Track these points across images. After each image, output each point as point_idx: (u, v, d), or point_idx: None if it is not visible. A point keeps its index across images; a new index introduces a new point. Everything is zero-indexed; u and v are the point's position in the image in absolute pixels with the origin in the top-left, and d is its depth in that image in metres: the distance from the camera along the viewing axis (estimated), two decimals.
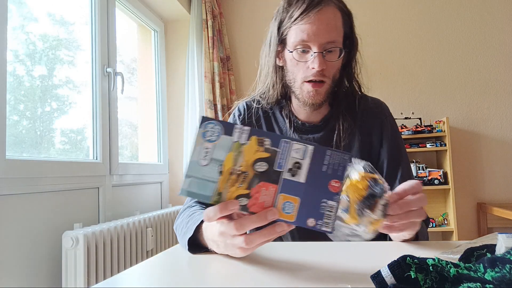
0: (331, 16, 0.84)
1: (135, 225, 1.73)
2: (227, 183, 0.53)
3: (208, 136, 0.53)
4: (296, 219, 0.53)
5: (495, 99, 2.63)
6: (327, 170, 0.53)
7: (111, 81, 1.89)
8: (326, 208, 0.53)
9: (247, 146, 0.53)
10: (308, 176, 0.53)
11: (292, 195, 0.53)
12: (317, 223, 0.53)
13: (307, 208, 0.53)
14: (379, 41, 2.78)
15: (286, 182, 0.53)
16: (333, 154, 0.54)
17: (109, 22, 1.93)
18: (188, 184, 0.54)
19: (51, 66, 1.71)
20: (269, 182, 0.53)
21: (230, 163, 0.53)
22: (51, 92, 1.72)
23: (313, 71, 0.84)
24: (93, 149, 1.79)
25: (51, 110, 1.72)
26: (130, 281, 0.57)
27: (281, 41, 0.90)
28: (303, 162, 0.53)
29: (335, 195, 0.53)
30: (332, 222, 0.53)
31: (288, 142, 0.53)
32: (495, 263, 0.41)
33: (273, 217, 0.52)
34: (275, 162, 0.53)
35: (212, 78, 2.54)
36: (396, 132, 0.98)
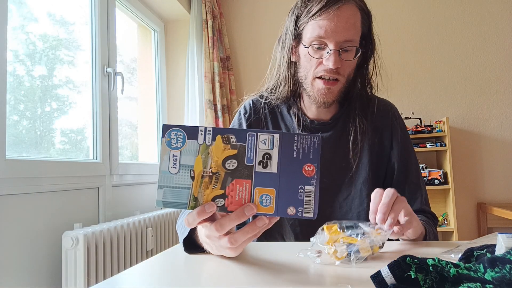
0: (350, 14, 0.82)
1: (135, 225, 1.73)
2: (200, 186, 0.53)
3: (174, 144, 0.53)
4: (275, 211, 0.52)
5: (495, 99, 2.63)
6: (298, 155, 0.53)
7: (111, 81, 1.89)
8: (304, 194, 0.52)
9: (214, 146, 0.53)
10: (280, 165, 0.53)
11: (267, 187, 0.53)
12: (297, 211, 0.52)
13: (285, 197, 0.52)
14: (379, 41, 2.77)
15: (259, 175, 0.53)
16: (301, 138, 0.53)
17: (109, 22, 1.93)
18: (162, 195, 0.53)
19: (51, 66, 1.71)
20: (242, 178, 0.53)
21: (200, 166, 0.53)
22: (51, 92, 1.72)
23: (326, 67, 0.82)
24: (93, 149, 1.79)
25: (51, 110, 1.72)
26: (130, 281, 0.57)
27: (296, 36, 0.88)
28: (272, 152, 0.53)
29: (311, 179, 0.53)
30: (313, 207, 0.52)
31: (253, 135, 0.53)
32: (495, 263, 0.41)
33: (251, 212, 0.52)
34: (244, 157, 0.53)
35: (212, 78, 2.54)
36: (406, 134, 0.97)
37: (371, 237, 0.60)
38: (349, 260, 0.57)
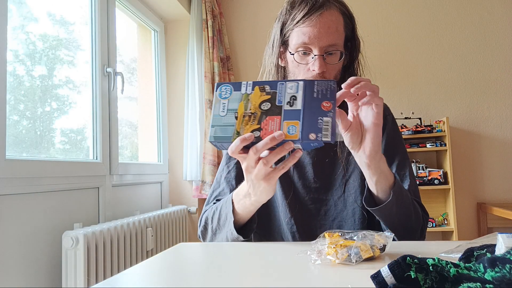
0: (332, 19, 0.85)
1: (135, 225, 1.73)
2: (242, 124, 0.67)
3: (224, 95, 0.70)
4: (300, 137, 0.64)
5: (495, 99, 2.63)
6: (318, 95, 0.66)
7: (111, 81, 1.89)
8: (322, 123, 0.64)
9: (253, 94, 0.68)
10: (304, 104, 0.66)
11: (293, 120, 0.65)
12: (317, 136, 0.63)
13: (307, 126, 0.64)
14: (379, 41, 2.78)
15: (287, 112, 0.66)
16: (320, 83, 0.67)
17: (109, 22, 1.93)
18: (214, 132, 0.68)
19: (51, 66, 1.71)
20: (274, 115, 0.66)
21: (242, 109, 0.68)
22: (51, 92, 1.72)
23: (314, 73, 0.86)
24: (93, 149, 1.79)
25: (51, 110, 1.72)
26: (130, 281, 0.57)
27: (283, 42, 0.91)
28: (297, 94, 0.67)
29: (328, 112, 0.65)
30: (330, 133, 0.63)
31: (283, 83, 0.68)
32: (495, 263, 0.41)
33: (280, 136, 0.63)
34: (276, 100, 0.67)
35: (212, 78, 2.54)
36: (396, 129, 0.98)
37: (371, 238, 0.60)
38: (349, 260, 0.57)
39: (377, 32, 2.79)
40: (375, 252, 0.59)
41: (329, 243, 0.59)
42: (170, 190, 2.54)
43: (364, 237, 0.60)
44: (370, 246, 0.59)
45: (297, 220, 0.93)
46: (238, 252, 0.71)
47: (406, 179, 0.92)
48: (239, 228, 0.83)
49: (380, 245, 0.60)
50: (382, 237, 0.61)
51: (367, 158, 0.73)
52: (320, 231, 0.93)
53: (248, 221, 0.84)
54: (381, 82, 2.78)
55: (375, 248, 0.59)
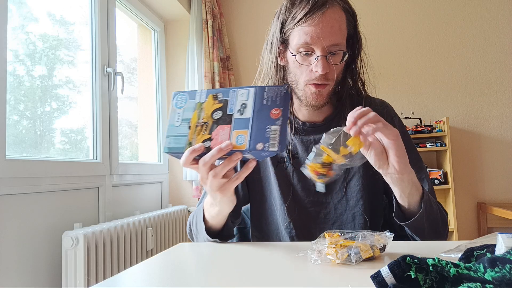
0: (335, 18, 0.82)
1: (135, 225, 1.73)
2: (194, 134, 0.67)
3: (179, 104, 0.70)
4: (248, 146, 0.63)
5: (495, 99, 2.63)
6: (267, 102, 0.65)
7: (111, 81, 1.89)
8: (270, 132, 0.63)
9: (206, 102, 0.68)
10: (253, 112, 0.65)
11: (242, 129, 0.64)
12: (264, 146, 0.62)
13: (255, 136, 0.63)
14: (379, 41, 2.78)
15: (237, 121, 0.65)
16: (270, 89, 0.66)
17: (109, 22, 1.93)
18: (168, 142, 0.68)
19: (51, 66, 1.71)
20: (224, 124, 0.66)
21: (196, 118, 0.68)
22: (51, 92, 1.72)
23: (317, 74, 0.83)
24: (93, 149, 1.79)
25: (51, 110, 1.72)
26: (130, 281, 0.57)
27: (283, 41, 0.88)
28: (247, 102, 0.66)
29: (277, 120, 0.63)
30: (277, 143, 0.62)
31: (235, 91, 0.67)
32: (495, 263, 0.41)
33: (227, 147, 0.63)
34: (227, 108, 0.66)
35: (212, 78, 2.54)
36: (404, 132, 0.95)
37: (371, 238, 0.60)
38: (349, 260, 0.57)
39: (377, 32, 2.79)
40: (375, 252, 0.59)
41: (329, 243, 0.59)
42: (170, 190, 2.54)
43: (364, 237, 0.60)
44: (370, 246, 0.59)
45: (296, 224, 0.91)
46: (238, 252, 0.71)
47: (425, 182, 0.89)
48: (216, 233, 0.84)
49: (380, 245, 0.60)
50: (382, 237, 0.61)
51: (398, 173, 0.70)
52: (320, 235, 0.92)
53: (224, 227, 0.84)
54: (381, 82, 2.78)
55: (375, 248, 0.59)
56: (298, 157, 0.94)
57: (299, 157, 0.93)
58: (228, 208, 0.78)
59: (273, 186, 0.94)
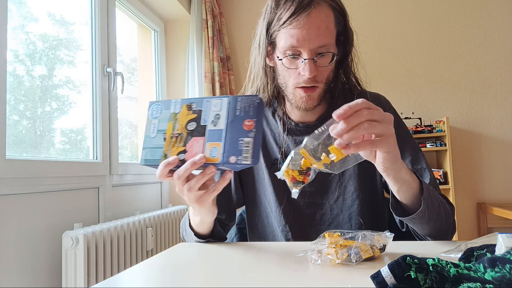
0: (322, 18, 0.78)
1: (135, 225, 1.73)
2: (170, 145, 0.66)
3: (154, 115, 0.69)
4: (221, 159, 0.62)
5: (495, 99, 2.63)
6: (240, 113, 0.63)
7: (111, 81, 1.89)
8: (243, 145, 0.61)
9: (180, 113, 0.67)
10: (227, 123, 0.63)
11: (215, 141, 0.63)
12: (237, 159, 0.61)
13: (228, 148, 0.62)
14: (379, 41, 2.78)
15: (210, 132, 0.64)
16: (243, 99, 0.64)
17: (109, 22, 1.93)
18: (144, 154, 0.67)
19: (51, 66, 1.71)
20: (198, 136, 0.65)
21: (170, 130, 0.66)
22: (51, 92, 1.72)
23: (305, 77, 0.80)
24: (93, 149, 1.79)
25: (51, 110, 1.72)
26: (130, 281, 0.57)
27: (270, 42, 0.85)
28: (221, 112, 0.64)
29: (250, 132, 0.62)
30: (250, 156, 0.61)
31: (208, 101, 0.66)
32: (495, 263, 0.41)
33: (200, 160, 0.62)
34: (201, 119, 0.65)
35: (212, 78, 2.54)
36: (400, 124, 0.91)
37: (371, 238, 0.60)
38: (349, 260, 0.57)
39: (377, 32, 2.79)
40: (375, 252, 0.59)
41: (329, 243, 0.59)
42: (170, 190, 2.54)
43: (364, 237, 0.60)
44: (370, 246, 0.59)
45: (292, 227, 0.90)
46: (238, 252, 0.71)
47: (426, 173, 0.85)
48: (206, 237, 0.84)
49: (380, 245, 0.60)
50: (382, 237, 0.61)
51: (382, 170, 0.66)
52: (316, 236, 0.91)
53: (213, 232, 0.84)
54: (381, 82, 2.78)
55: (375, 248, 0.59)
56: None
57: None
58: (209, 218, 0.78)
59: (267, 188, 0.93)
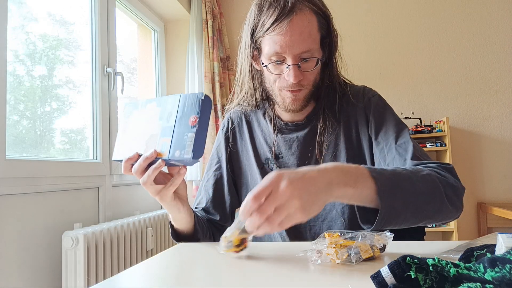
0: (305, 24, 0.79)
1: (135, 225, 1.73)
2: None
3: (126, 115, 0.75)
4: (168, 154, 0.66)
5: (495, 99, 2.63)
6: (187, 110, 0.67)
7: (111, 81, 1.89)
8: (187, 139, 0.65)
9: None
10: (176, 119, 0.67)
11: (166, 137, 0.67)
12: (181, 153, 0.64)
13: (175, 143, 0.66)
14: (379, 41, 2.78)
15: (163, 129, 0.68)
16: (190, 97, 0.67)
17: (109, 22, 1.93)
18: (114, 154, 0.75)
19: (51, 66, 1.71)
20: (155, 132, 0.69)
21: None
22: (51, 92, 1.72)
23: (289, 82, 0.82)
24: (93, 149, 1.79)
25: (51, 110, 1.72)
26: (130, 281, 0.57)
27: (255, 47, 0.86)
28: (173, 110, 0.68)
29: (193, 128, 0.65)
30: (191, 150, 0.64)
31: (166, 100, 0.70)
32: (495, 263, 0.41)
33: (151, 155, 0.67)
34: (159, 117, 0.70)
35: (212, 78, 2.54)
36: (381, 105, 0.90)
37: (371, 238, 0.60)
38: (349, 260, 0.57)
39: (377, 32, 2.79)
40: (375, 252, 0.59)
41: (329, 243, 0.59)
42: None
43: (364, 237, 0.60)
44: (370, 246, 0.59)
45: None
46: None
47: (409, 145, 0.79)
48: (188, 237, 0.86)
49: (380, 245, 0.60)
50: (382, 237, 0.61)
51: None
52: (310, 233, 0.91)
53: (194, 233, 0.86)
54: (381, 82, 2.78)
55: (375, 248, 0.59)
56: (282, 156, 0.94)
57: (283, 156, 0.94)
58: (176, 214, 0.80)
59: None
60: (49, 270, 1.41)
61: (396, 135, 0.83)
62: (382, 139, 0.85)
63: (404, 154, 0.79)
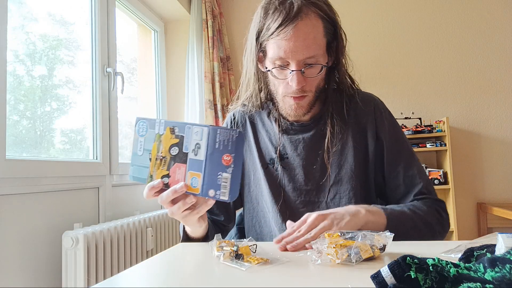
0: (309, 29, 0.78)
1: (135, 225, 1.73)
2: (155, 167, 0.68)
3: (141, 132, 0.69)
4: (200, 191, 0.64)
5: (495, 99, 2.63)
6: (219, 146, 0.63)
7: (111, 81, 1.89)
8: (222, 179, 0.63)
9: (164, 135, 0.67)
10: (206, 154, 0.64)
11: (196, 171, 0.65)
12: (215, 193, 0.63)
13: (208, 181, 0.64)
14: (379, 41, 2.78)
15: (191, 161, 0.65)
16: (223, 132, 0.64)
17: (109, 22, 1.93)
18: (132, 171, 0.69)
19: (51, 66, 1.71)
20: (180, 162, 0.66)
21: (155, 151, 0.67)
22: (51, 92, 1.72)
23: (293, 88, 0.82)
24: (93, 149, 1.79)
25: (51, 110, 1.72)
26: (130, 281, 0.57)
27: (260, 50, 0.87)
28: (201, 142, 0.64)
29: (228, 168, 0.63)
30: (228, 192, 0.63)
31: (190, 127, 0.66)
32: (495, 263, 0.41)
33: (181, 189, 0.65)
34: (183, 146, 0.66)
35: (212, 78, 2.54)
36: (394, 126, 0.93)
37: (371, 238, 0.60)
38: (349, 260, 0.57)
39: (377, 32, 2.79)
40: (375, 252, 0.59)
41: (329, 243, 0.59)
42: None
43: (364, 237, 0.60)
44: (370, 246, 0.59)
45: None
46: None
47: (416, 179, 0.88)
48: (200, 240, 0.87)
49: (380, 245, 0.60)
50: (382, 237, 0.61)
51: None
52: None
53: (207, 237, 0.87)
54: (381, 82, 2.78)
55: (375, 248, 0.59)
56: (287, 157, 0.93)
57: (289, 157, 0.93)
58: (198, 229, 0.81)
59: (263, 189, 0.94)
60: (49, 270, 1.41)
61: (405, 164, 0.90)
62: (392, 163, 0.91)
63: (411, 188, 0.89)
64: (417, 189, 0.88)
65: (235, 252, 0.62)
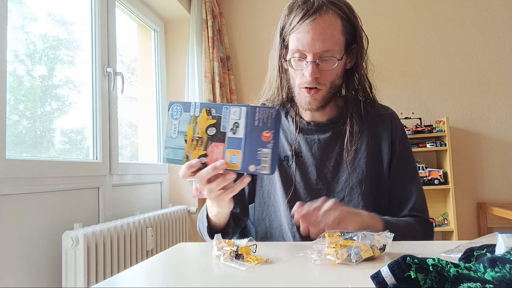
0: (326, 24, 0.84)
1: (135, 225, 1.73)
2: (191, 148, 0.70)
3: (175, 115, 0.71)
4: (240, 167, 0.67)
5: (495, 99, 2.63)
6: (259, 124, 0.66)
7: (111, 81, 1.89)
8: (262, 155, 0.66)
9: (200, 117, 0.69)
10: (245, 132, 0.67)
11: (235, 149, 0.67)
12: (256, 168, 0.66)
13: (247, 157, 0.66)
14: (379, 40, 2.78)
15: (230, 140, 0.67)
16: (261, 110, 0.67)
17: (109, 22, 1.93)
18: (166, 153, 0.71)
19: (51, 66, 1.71)
20: (218, 142, 0.68)
21: (191, 132, 0.70)
22: (51, 92, 1.72)
23: (307, 79, 0.86)
24: (93, 149, 1.79)
25: (51, 110, 1.72)
26: (130, 281, 0.57)
27: (284, 46, 0.92)
28: (240, 121, 0.67)
29: (268, 143, 0.66)
30: (269, 165, 0.66)
31: (227, 108, 0.68)
32: (495, 263, 0.41)
33: (221, 166, 0.67)
34: (220, 126, 0.68)
35: (212, 78, 2.54)
36: (406, 141, 0.99)
37: (371, 238, 0.60)
38: (349, 260, 0.57)
39: (377, 32, 2.79)
40: (375, 252, 0.59)
41: (329, 243, 0.59)
42: (170, 190, 2.54)
43: (364, 237, 0.60)
44: (370, 246, 0.59)
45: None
46: None
47: (413, 195, 0.93)
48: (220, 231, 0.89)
49: (380, 245, 0.60)
50: (382, 237, 0.61)
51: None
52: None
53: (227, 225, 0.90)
54: (381, 82, 2.77)
55: (375, 248, 0.59)
56: (302, 155, 0.96)
57: (303, 155, 0.96)
58: (226, 210, 0.83)
59: (276, 184, 0.97)
60: (49, 270, 1.41)
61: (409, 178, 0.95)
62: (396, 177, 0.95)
63: (406, 202, 0.94)
64: (412, 205, 0.93)
65: (235, 252, 0.62)
